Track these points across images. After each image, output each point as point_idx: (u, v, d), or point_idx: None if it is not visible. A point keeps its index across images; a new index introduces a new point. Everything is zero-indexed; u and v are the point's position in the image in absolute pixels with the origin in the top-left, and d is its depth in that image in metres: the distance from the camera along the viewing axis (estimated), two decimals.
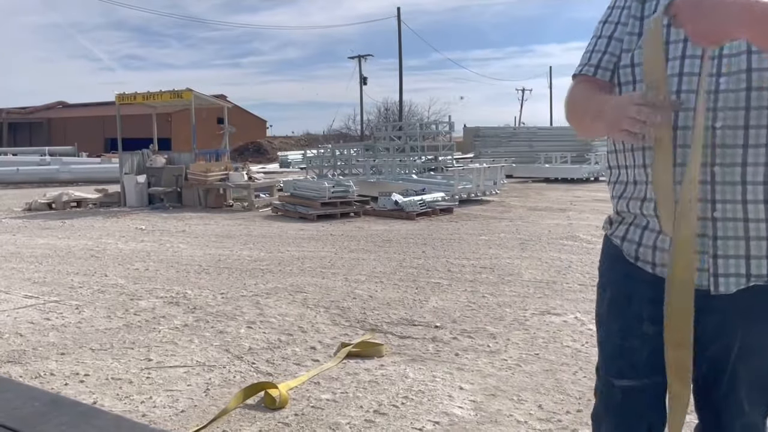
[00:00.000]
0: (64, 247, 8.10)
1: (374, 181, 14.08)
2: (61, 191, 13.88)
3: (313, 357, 3.80)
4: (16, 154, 28.76)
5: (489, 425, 2.86)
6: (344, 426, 2.86)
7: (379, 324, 4.45)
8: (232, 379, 3.46)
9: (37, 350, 3.99)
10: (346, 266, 6.54)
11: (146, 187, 13.26)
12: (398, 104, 39.38)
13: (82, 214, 12.18)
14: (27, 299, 5.35)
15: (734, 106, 1.32)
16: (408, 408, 3.04)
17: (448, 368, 3.56)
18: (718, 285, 1.37)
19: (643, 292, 1.46)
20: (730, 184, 1.33)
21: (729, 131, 1.32)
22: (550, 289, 5.39)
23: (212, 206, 12.64)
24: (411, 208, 10.49)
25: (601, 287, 1.59)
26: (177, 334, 4.29)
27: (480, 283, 5.65)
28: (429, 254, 7.15)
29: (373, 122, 39.89)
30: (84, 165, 23.24)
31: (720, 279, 1.36)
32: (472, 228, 9.32)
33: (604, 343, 1.55)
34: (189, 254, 7.46)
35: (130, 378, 3.49)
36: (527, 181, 18.68)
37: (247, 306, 4.99)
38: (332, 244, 8.01)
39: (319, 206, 10.68)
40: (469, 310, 4.76)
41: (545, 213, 11.06)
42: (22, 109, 48.16)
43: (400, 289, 5.51)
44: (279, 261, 6.91)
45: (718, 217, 1.35)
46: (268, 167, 26.37)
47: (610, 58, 1.50)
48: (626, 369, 1.50)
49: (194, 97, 13.87)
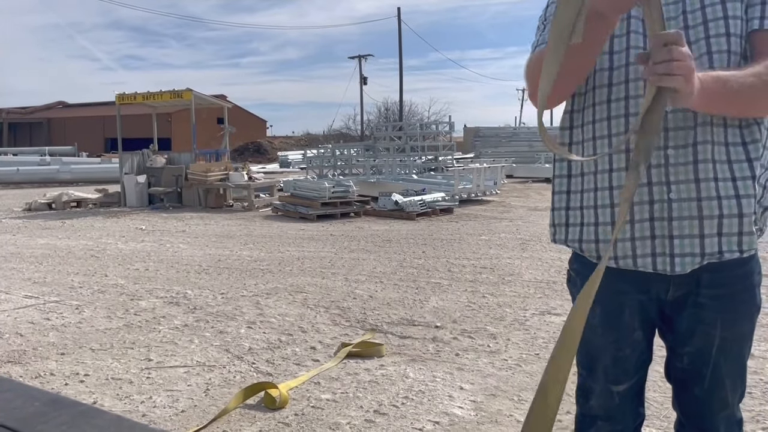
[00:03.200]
0: (64, 247, 8.10)
1: (374, 181, 14.08)
2: (61, 191, 13.88)
3: (313, 357, 3.80)
4: (16, 154, 28.78)
5: (489, 425, 2.86)
6: (344, 426, 2.86)
7: (380, 324, 4.45)
8: (232, 379, 3.46)
9: (37, 350, 3.98)
10: (346, 266, 6.54)
11: (146, 187, 13.26)
12: (398, 104, 39.38)
13: (82, 214, 12.18)
14: (27, 299, 5.35)
15: None
16: (408, 408, 3.04)
17: (448, 368, 3.56)
18: (675, 265, 1.39)
19: (633, 301, 1.49)
20: (683, 165, 1.36)
21: (680, 113, 1.35)
22: (551, 289, 5.39)
23: (212, 206, 12.64)
24: (411, 208, 10.49)
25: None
26: (177, 334, 4.29)
27: (480, 283, 5.65)
28: (429, 254, 7.15)
29: (374, 122, 39.90)
30: (84, 165, 23.24)
31: (676, 259, 1.39)
32: (473, 228, 9.32)
33: (601, 353, 1.55)
34: (189, 254, 7.46)
35: (130, 378, 3.49)
36: (527, 181, 18.68)
37: (247, 306, 4.99)
38: (332, 245, 8.01)
39: (319, 206, 10.67)
40: (470, 310, 4.76)
41: (545, 213, 11.05)
42: (22, 109, 48.16)
43: (400, 289, 5.51)
44: (279, 261, 6.91)
45: (674, 198, 1.37)
46: (268, 167, 26.37)
47: None
48: (622, 375, 1.56)
49: (194, 97, 13.87)
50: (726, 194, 1.36)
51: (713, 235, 1.37)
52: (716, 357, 1.44)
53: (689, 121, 1.35)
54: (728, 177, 1.36)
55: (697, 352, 1.46)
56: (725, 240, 1.37)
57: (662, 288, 1.45)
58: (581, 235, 1.50)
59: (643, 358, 1.55)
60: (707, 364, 1.45)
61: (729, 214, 1.36)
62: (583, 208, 1.49)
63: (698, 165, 1.35)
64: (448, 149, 16.69)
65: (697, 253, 1.38)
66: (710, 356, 1.45)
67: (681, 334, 1.48)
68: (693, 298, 1.44)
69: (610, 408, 1.58)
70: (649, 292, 1.47)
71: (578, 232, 1.51)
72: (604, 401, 1.58)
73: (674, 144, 1.36)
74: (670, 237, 1.38)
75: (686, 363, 1.49)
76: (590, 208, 1.48)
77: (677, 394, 1.56)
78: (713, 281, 1.42)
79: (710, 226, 1.37)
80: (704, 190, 1.36)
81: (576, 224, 1.52)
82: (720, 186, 1.36)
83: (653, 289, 1.47)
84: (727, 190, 1.36)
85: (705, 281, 1.42)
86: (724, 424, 1.49)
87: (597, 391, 1.59)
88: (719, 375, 1.45)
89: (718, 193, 1.36)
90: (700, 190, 1.36)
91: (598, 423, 1.60)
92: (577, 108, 1.50)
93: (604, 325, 1.52)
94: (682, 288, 1.44)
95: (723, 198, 1.36)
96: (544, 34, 1.51)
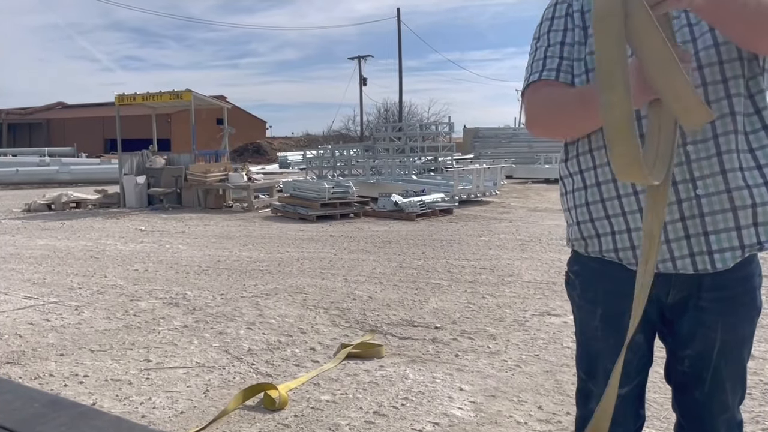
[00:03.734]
0: (63, 248, 8.10)
1: (374, 182, 14.08)
2: (60, 192, 13.88)
3: (312, 358, 3.80)
4: (16, 154, 28.77)
5: (489, 426, 2.86)
6: (344, 427, 2.86)
7: (379, 325, 4.44)
8: (232, 380, 3.45)
9: (36, 351, 3.98)
10: (345, 267, 6.54)
11: (146, 187, 13.25)
12: (398, 105, 39.38)
13: (81, 215, 12.17)
14: (26, 300, 5.34)
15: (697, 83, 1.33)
16: (408, 409, 3.04)
17: (448, 369, 3.56)
18: (715, 262, 1.36)
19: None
20: (706, 159, 1.33)
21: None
22: (550, 290, 5.39)
23: (212, 207, 12.64)
24: (411, 209, 10.49)
25: (590, 302, 1.56)
26: (176, 335, 4.29)
27: (480, 284, 5.65)
28: (429, 255, 7.14)
29: (373, 123, 39.88)
30: (83, 166, 23.22)
31: (716, 256, 1.36)
32: (472, 229, 9.32)
33: (602, 356, 1.54)
34: (188, 255, 7.46)
35: (129, 379, 3.48)
36: (527, 181, 18.68)
37: (246, 307, 4.99)
38: (332, 245, 8.00)
39: (318, 207, 10.67)
40: (469, 311, 4.76)
41: (545, 214, 11.06)
42: (22, 109, 48.15)
43: (399, 290, 5.50)
44: (278, 262, 6.90)
45: (702, 194, 1.34)
46: (267, 168, 26.36)
47: (568, 62, 1.45)
48: (623, 379, 1.54)
49: (194, 98, 13.87)
50: (755, 182, 1.33)
51: (749, 225, 1.35)
52: (717, 360, 1.43)
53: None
54: (753, 165, 1.34)
55: (698, 355, 1.45)
56: (762, 230, 1.35)
57: (663, 291, 1.43)
58: (615, 244, 1.46)
59: (644, 361, 1.54)
60: (708, 367, 1.44)
61: (762, 203, 1.34)
62: (610, 217, 1.45)
63: (722, 156, 1.33)
64: (447, 150, 16.71)
65: (737, 246, 1.35)
66: (711, 360, 1.44)
67: (682, 337, 1.47)
68: (694, 301, 1.43)
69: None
70: (649, 294, 1.47)
71: (611, 242, 1.46)
72: None
73: (692, 140, 1.33)
74: (705, 234, 1.35)
75: (687, 366, 1.48)
76: (618, 216, 1.43)
77: (677, 396, 1.55)
78: (715, 284, 1.40)
79: (745, 217, 1.34)
80: (732, 181, 1.33)
81: (607, 233, 1.47)
82: (747, 175, 1.33)
83: (654, 291, 1.45)
84: (755, 179, 1.34)
85: (706, 284, 1.41)
86: (725, 427, 1.48)
87: (597, 395, 1.59)
88: (720, 378, 1.45)
89: (747, 182, 1.33)
90: (728, 181, 1.33)
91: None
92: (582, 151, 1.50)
93: (605, 327, 1.51)
94: (683, 291, 1.43)
95: (753, 186, 1.33)
96: (547, 61, 1.47)
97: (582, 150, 1.48)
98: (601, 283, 1.51)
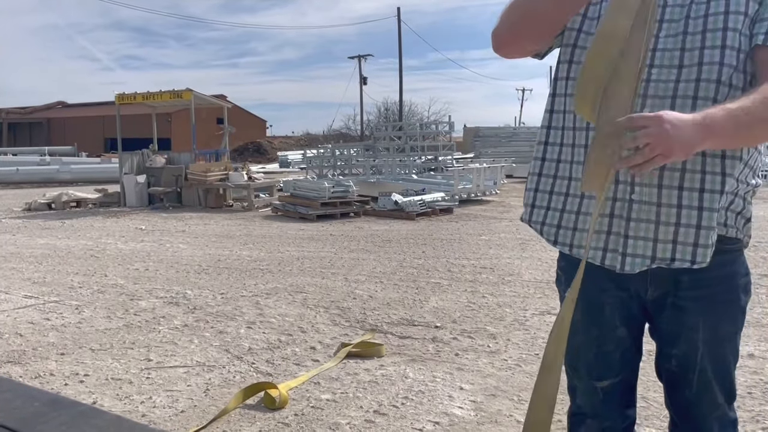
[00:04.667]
0: (63, 247, 8.10)
1: (374, 181, 14.07)
2: (60, 191, 13.88)
3: (312, 357, 3.80)
4: (16, 154, 28.75)
5: (489, 425, 2.86)
6: (344, 426, 2.86)
7: (379, 324, 4.45)
8: (232, 380, 3.46)
9: (36, 350, 3.98)
10: (346, 266, 6.54)
11: (146, 187, 13.25)
12: (398, 104, 39.40)
13: (81, 214, 12.18)
14: (27, 299, 5.35)
15: (663, 94, 1.36)
16: (408, 408, 3.04)
17: (448, 368, 3.56)
18: (624, 264, 1.40)
19: (614, 298, 1.50)
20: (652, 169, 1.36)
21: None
22: (551, 289, 5.39)
23: (212, 206, 12.64)
24: (411, 208, 10.49)
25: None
26: (177, 334, 4.29)
27: (480, 283, 5.65)
28: (429, 254, 7.15)
29: (373, 122, 39.89)
30: (84, 165, 23.22)
31: (627, 258, 1.40)
32: (472, 228, 9.32)
33: (583, 349, 1.57)
34: (189, 254, 7.46)
35: (129, 378, 3.49)
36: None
37: (246, 306, 4.99)
38: (332, 245, 8.01)
39: (318, 206, 10.67)
40: (469, 310, 4.76)
41: None
42: (22, 109, 48.16)
43: (400, 289, 5.51)
44: (279, 261, 6.91)
45: (635, 199, 1.38)
46: (267, 167, 26.37)
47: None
48: (605, 371, 1.57)
49: (194, 97, 13.86)
50: (689, 204, 1.35)
51: (668, 241, 1.37)
52: (701, 362, 1.44)
53: None
54: (697, 187, 1.34)
55: (683, 356, 1.46)
56: (680, 248, 1.36)
57: (641, 287, 1.46)
58: (545, 218, 1.53)
59: (628, 356, 1.56)
60: (693, 369, 1.45)
61: (687, 224, 1.35)
62: (553, 193, 1.51)
63: (664, 172, 1.35)
64: (447, 149, 16.68)
65: (648, 255, 1.38)
66: (695, 362, 1.45)
67: (665, 335, 1.49)
68: (671, 300, 1.44)
69: (595, 404, 1.59)
70: (628, 289, 1.48)
71: (542, 215, 1.53)
72: (589, 398, 1.60)
73: None
74: (625, 236, 1.40)
75: (674, 365, 1.49)
76: (560, 195, 1.50)
77: (668, 393, 1.56)
78: (693, 283, 1.41)
79: (665, 233, 1.36)
80: (665, 197, 1.36)
81: (542, 207, 1.53)
82: (684, 195, 1.35)
83: (632, 287, 1.47)
84: (691, 200, 1.35)
85: (684, 283, 1.41)
86: (717, 425, 1.48)
87: (581, 388, 1.61)
88: (706, 379, 1.45)
89: (680, 202, 1.35)
90: (661, 196, 1.36)
91: (587, 421, 1.62)
92: (557, 109, 1.53)
93: (585, 321, 1.52)
94: (660, 288, 1.44)
95: (684, 207, 1.35)
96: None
97: (556, 125, 1.54)
98: (583, 278, 1.53)
